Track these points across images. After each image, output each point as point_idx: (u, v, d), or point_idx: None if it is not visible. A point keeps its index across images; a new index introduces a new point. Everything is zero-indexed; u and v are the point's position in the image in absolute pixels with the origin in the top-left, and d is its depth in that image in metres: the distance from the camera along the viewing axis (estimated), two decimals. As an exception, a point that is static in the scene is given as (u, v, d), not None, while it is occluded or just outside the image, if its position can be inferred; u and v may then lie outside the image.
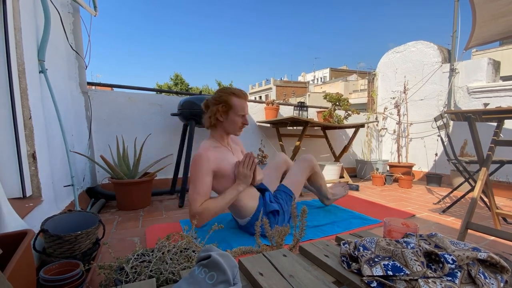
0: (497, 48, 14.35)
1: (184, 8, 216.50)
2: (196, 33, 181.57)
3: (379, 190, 2.65)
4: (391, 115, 3.62)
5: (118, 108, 2.25)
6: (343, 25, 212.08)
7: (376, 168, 3.11)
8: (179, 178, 2.29)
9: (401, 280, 0.59)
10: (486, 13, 2.06)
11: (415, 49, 3.38)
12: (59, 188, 1.42)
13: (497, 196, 2.33)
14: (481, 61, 2.81)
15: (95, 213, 1.18)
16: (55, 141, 1.42)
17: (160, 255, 0.79)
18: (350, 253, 0.73)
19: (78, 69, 1.98)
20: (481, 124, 1.77)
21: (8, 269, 0.57)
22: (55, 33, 1.55)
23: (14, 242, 0.69)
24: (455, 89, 2.99)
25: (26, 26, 1.16)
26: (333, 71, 39.24)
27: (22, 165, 1.06)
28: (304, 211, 0.99)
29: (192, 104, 2.07)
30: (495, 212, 1.52)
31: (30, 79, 1.15)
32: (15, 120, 1.04)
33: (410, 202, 2.19)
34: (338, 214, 1.77)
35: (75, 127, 1.91)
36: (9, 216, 0.82)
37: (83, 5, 1.90)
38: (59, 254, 0.92)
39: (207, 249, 0.65)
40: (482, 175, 1.39)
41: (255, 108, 2.92)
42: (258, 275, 0.66)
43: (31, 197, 1.12)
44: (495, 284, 0.58)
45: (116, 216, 1.73)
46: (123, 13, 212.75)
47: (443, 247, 0.66)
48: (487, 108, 2.01)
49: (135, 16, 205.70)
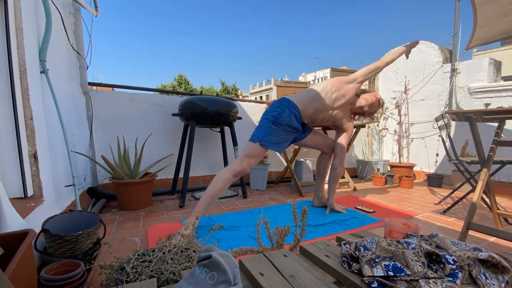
0: (499, 48, 14.32)
1: (183, 8, 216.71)
2: (196, 32, 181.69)
3: (380, 191, 2.64)
4: (392, 115, 3.61)
5: (119, 108, 2.26)
6: (344, 24, 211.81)
7: (377, 169, 3.11)
8: (180, 178, 2.29)
9: (402, 281, 0.59)
10: (487, 13, 2.06)
11: (416, 49, 3.37)
12: (60, 188, 1.42)
13: (498, 197, 2.33)
14: (482, 61, 2.81)
15: (96, 213, 1.18)
16: (56, 141, 1.42)
17: (160, 255, 0.79)
18: (351, 254, 0.72)
19: (79, 69, 1.98)
20: (482, 124, 1.77)
21: (9, 269, 0.57)
22: (56, 33, 1.55)
23: (15, 242, 0.69)
24: (456, 89, 2.98)
25: (28, 26, 1.16)
26: (334, 71, 39.20)
27: (23, 165, 1.06)
28: (305, 211, 0.99)
29: (193, 104, 2.07)
30: (496, 213, 1.52)
31: (32, 80, 1.15)
32: (16, 120, 1.04)
33: (411, 202, 2.18)
34: (339, 214, 1.77)
35: (76, 127, 1.91)
36: (10, 216, 0.83)
37: (84, 6, 1.91)
38: (60, 254, 0.92)
39: (207, 249, 0.65)
40: (483, 175, 1.39)
41: (255, 108, 2.92)
42: (258, 275, 0.66)
43: (32, 197, 1.12)
44: (496, 284, 0.58)
45: (117, 216, 1.73)
46: (126, 9, 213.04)
47: (444, 248, 0.66)
48: (488, 108, 2.00)
49: (139, 13, 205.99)
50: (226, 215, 1.75)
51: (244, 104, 2.89)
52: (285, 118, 1.59)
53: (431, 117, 3.12)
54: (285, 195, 2.37)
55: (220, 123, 2.19)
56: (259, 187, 2.56)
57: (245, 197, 2.22)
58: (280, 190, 2.56)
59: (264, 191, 2.50)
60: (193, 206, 1.99)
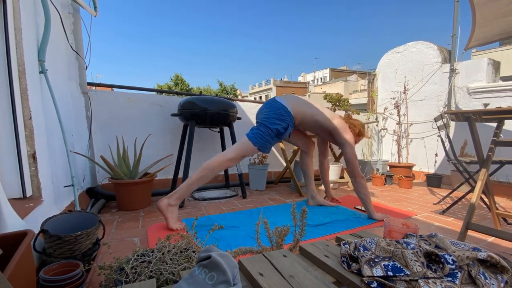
0: (497, 49, 14.35)
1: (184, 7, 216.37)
2: (195, 32, 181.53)
3: (379, 191, 2.65)
4: (391, 116, 3.61)
5: (118, 109, 2.25)
6: (344, 24, 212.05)
7: (376, 169, 3.11)
8: (179, 178, 2.28)
9: (401, 281, 0.59)
10: (486, 13, 2.06)
11: (415, 49, 3.38)
12: (59, 189, 1.42)
13: (497, 197, 2.33)
14: (481, 61, 2.81)
15: (95, 214, 1.18)
16: (55, 141, 1.42)
17: (160, 256, 0.79)
18: (350, 254, 0.73)
19: (78, 69, 1.98)
20: (481, 124, 1.77)
21: (8, 269, 0.57)
22: (55, 33, 1.55)
23: (14, 242, 0.69)
24: (455, 89, 2.99)
25: (27, 26, 1.16)
26: (333, 71, 39.28)
27: (22, 166, 1.06)
28: (304, 211, 0.99)
29: (192, 105, 2.07)
30: (495, 213, 1.52)
31: (30, 80, 1.15)
32: (15, 121, 1.04)
33: (410, 202, 2.18)
34: (338, 214, 1.78)
35: (75, 127, 1.91)
36: (9, 217, 0.82)
37: (83, 6, 1.91)
38: (59, 254, 0.92)
39: (207, 249, 0.65)
40: (482, 175, 1.39)
41: (255, 108, 2.92)
42: (258, 275, 0.66)
43: (31, 198, 1.12)
44: (496, 284, 0.58)
45: (116, 216, 1.73)
46: (124, 10, 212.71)
47: (444, 248, 0.66)
48: (487, 109, 2.01)
49: (137, 13, 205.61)
50: (226, 214, 1.75)
51: (243, 104, 2.89)
52: (287, 134, 1.72)
53: (430, 117, 3.13)
54: (285, 195, 2.37)
55: (219, 123, 2.19)
56: (259, 187, 2.56)
57: (245, 197, 2.22)
58: (280, 190, 2.56)
59: (263, 191, 2.50)
60: (193, 206, 1.99)
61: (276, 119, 1.66)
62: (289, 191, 2.55)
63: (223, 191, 2.44)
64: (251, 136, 1.64)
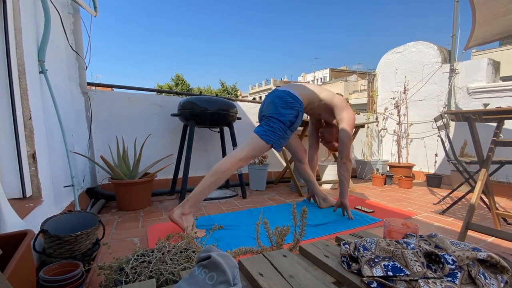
0: (497, 48, 14.36)
1: (184, 7, 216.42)
2: (196, 32, 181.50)
3: (379, 191, 2.65)
4: (391, 116, 3.62)
5: (118, 109, 2.25)
6: (344, 24, 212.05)
7: (376, 169, 3.11)
8: (179, 178, 2.29)
9: (401, 281, 0.59)
10: (486, 13, 2.06)
11: (415, 49, 3.38)
12: (59, 189, 1.42)
13: (497, 197, 2.33)
14: (481, 61, 2.81)
15: (95, 214, 1.18)
16: (55, 141, 1.42)
17: (160, 256, 0.79)
18: (350, 254, 0.72)
19: (78, 69, 1.98)
20: (481, 124, 1.77)
21: (8, 269, 0.57)
22: (55, 33, 1.55)
23: (14, 242, 0.69)
24: (455, 89, 2.99)
25: (26, 26, 1.16)
26: (333, 71, 39.29)
27: (22, 166, 1.06)
28: (304, 211, 0.99)
29: (192, 105, 2.07)
30: (495, 213, 1.52)
31: (30, 80, 1.14)
32: (15, 121, 1.04)
33: (410, 202, 2.18)
34: (338, 213, 1.77)
35: (75, 127, 1.91)
36: (9, 217, 0.82)
37: (83, 6, 1.91)
38: (59, 254, 0.92)
39: (207, 249, 0.65)
40: (482, 175, 1.39)
41: (255, 108, 2.92)
42: (258, 275, 0.66)
43: (31, 198, 1.11)
44: (496, 284, 0.58)
45: (116, 216, 1.73)
46: (124, 10, 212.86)
47: (443, 248, 0.66)
48: (487, 109, 2.00)
49: (137, 13, 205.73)
50: (226, 214, 1.75)
51: (243, 104, 2.89)
52: (299, 121, 1.61)
53: (430, 117, 3.13)
54: (285, 195, 2.37)
55: (219, 123, 2.19)
56: (259, 187, 2.56)
57: (245, 197, 2.22)
58: (280, 190, 2.56)
59: (263, 191, 2.50)
60: (193, 206, 1.99)
61: (284, 109, 1.54)
62: (289, 191, 2.55)
63: (223, 191, 2.44)
64: (262, 134, 1.51)
